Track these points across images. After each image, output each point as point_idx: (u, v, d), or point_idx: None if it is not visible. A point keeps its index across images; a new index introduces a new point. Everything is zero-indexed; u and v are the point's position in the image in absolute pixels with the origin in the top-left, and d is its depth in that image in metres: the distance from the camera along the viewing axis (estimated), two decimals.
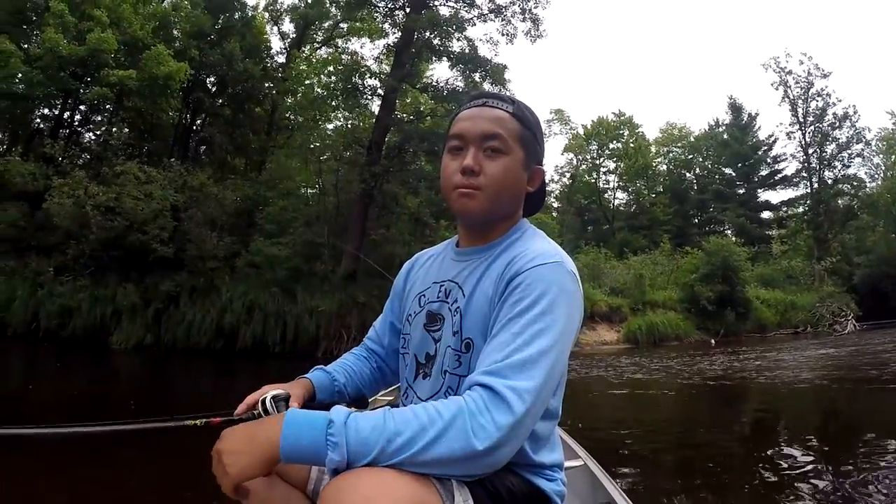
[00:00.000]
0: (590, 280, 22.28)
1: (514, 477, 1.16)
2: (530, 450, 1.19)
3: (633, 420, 7.46)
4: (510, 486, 1.14)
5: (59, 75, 16.57)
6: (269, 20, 24.50)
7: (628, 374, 11.89)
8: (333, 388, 1.45)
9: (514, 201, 1.31)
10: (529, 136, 1.30)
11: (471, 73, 17.70)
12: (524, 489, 1.17)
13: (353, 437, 0.91)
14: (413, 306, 1.39)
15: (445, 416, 0.94)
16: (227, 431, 0.99)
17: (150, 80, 17.09)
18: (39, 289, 14.08)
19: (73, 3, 16.99)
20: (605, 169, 41.47)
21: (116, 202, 14.99)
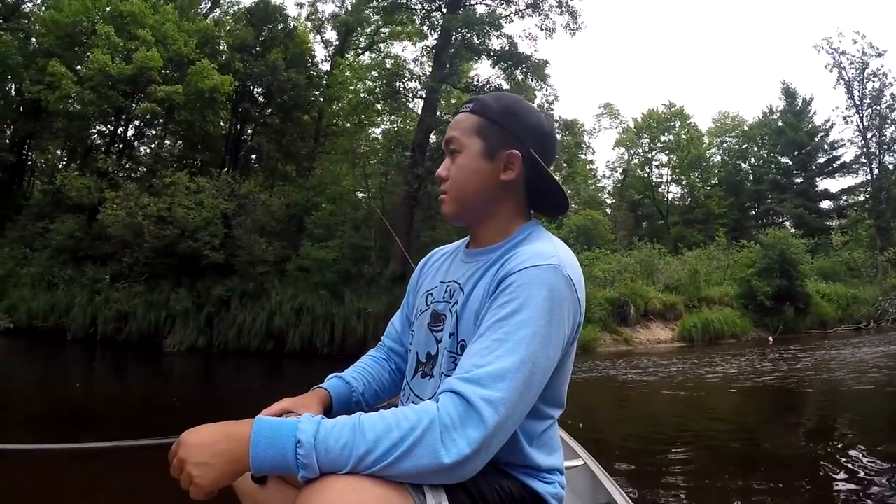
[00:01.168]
0: (643, 277, 21.83)
1: (505, 479, 1.15)
2: (525, 451, 1.17)
3: (683, 422, 7.29)
4: (498, 487, 1.12)
5: (109, 94, 17.30)
6: (312, 29, 25.08)
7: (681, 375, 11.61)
8: (351, 398, 1.44)
9: (484, 195, 1.29)
10: (487, 125, 1.28)
11: (512, 69, 17.60)
12: (516, 491, 1.16)
13: (322, 457, 0.91)
14: (421, 303, 1.40)
15: (417, 430, 0.93)
16: (189, 439, 0.96)
17: (196, 93, 17.71)
18: (97, 295, 14.74)
19: (119, 24, 17.80)
20: (658, 162, 40.36)
21: (168, 212, 15.51)
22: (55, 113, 18.51)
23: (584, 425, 7.32)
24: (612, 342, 18.18)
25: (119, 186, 16.36)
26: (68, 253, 15.82)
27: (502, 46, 17.71)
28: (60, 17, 18.36)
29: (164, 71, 18.24)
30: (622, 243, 28.62)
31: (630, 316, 19.29)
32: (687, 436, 6.42)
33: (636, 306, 19.49)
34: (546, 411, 1.21)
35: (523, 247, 1.21)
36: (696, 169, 38.92)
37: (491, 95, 1.33)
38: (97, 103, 17.59)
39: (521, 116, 1.29)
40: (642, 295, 19.93)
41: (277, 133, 21.59)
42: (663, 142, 39.49)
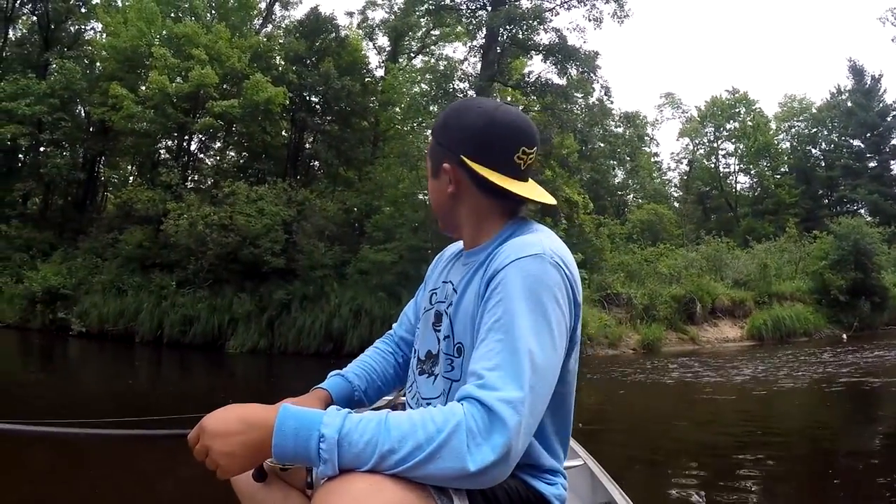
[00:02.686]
0: (711, 272, 21.21)
1: (511, 479, 1.13)
2: (530, 458, 1.18)
3: (751, 425, 7.10)
4: (507, 487, 1.13)
5: (169, 111, 18.18)
6: (364, 37, 25.61)
7: (750, 375, 11.26)
8: (353, 396, 1.45)
9: (444, 211, 1.34)
10: (431, 143, 1.33)
11: (563, 63, 17.42)
12: (522, 492, 1.16)
13: (345, 453, 0.91)
14: (425, 301, 1.43)
15: (444, 433, 0.92)
16: (212, 427, 0.99)
17: (252, 106, 18.39)
18: (163, 301, 15.48)
19: (174, 45, 18.72)
20: (724, 152, 38.69)
21: (230, 220, 16.10)
22: (121, 131, 19.56)
23: (648, 428, 7.18)
24: (678, 341, 17.77)
25: (181, 198, 17.13)
26: (137, 261, 16.71)
27: (551, 41, 17.62)
28: (118, 42, 19.46)
29: (223, 86, 19.10)
30: (689, 238, 27.75)
31: (697, 313, 18.78)
32: (755, 439, 6.28)
33: (703, 303, 18.97)
34: (546, 412, 1.18)
35: (507, 243, 1.20)
36: (764, 157, 37.13)
37: (445, 111, 1.34)
38: (159, 121, 18.50)
39: (452, 125, 1.29)
40: (710, 291, 19.39)
41: (336, 140, 22.11)
42: (729, 130, 37.94)
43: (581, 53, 17.42)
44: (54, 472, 4.77)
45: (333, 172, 22.58)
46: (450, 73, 18.66)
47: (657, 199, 34.30)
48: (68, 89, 19.70)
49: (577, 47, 17.58)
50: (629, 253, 22.83)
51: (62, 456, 5.06)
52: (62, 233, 19.62)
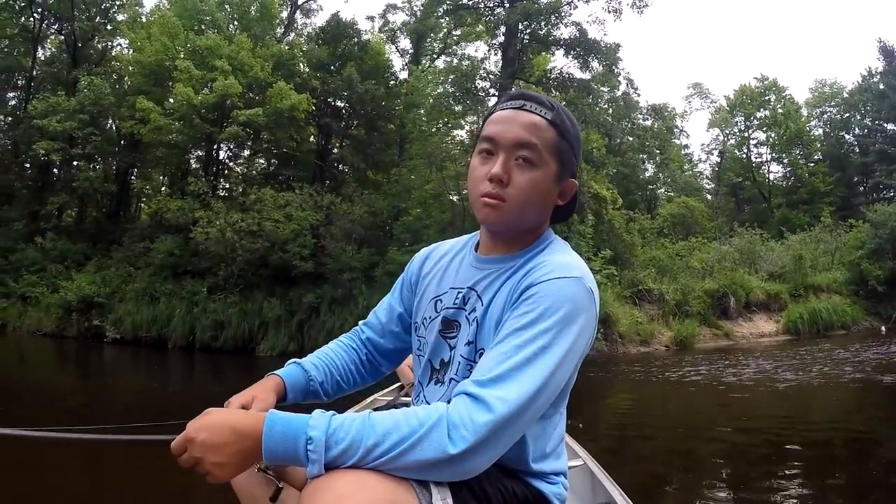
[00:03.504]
0: (745, 265, 20.84)
1: (510, 480, 1.17)
2: (532, 456, 1.20)
3: (789, 424, 6.98)
4: (502, 487, 1.14)
5: (196, 122, 18.63)
6: (386, 40, 25.81)
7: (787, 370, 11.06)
8: (308, 387, 1.42)
9: (541, 215, 1.27)
10: (566, 148, 1.24)
11: (584, 57, 17.29)
12: (520, 491, 1.18)
13: (331, 452, 0.93)
14: (429, 310, 1.37)
15: (425, 426, 0.95)
16: (201, 438, 0.99)
17: (276, 114, 18.69)
18: (195, 307, 15.84)
19: (197, 58, 19.14)
20: (755, 141, 37.79)
21: (258, 226, 16.35)
22: (150, 143, 20.07)
23: (679, 430, 7.07)
24: (712, 337, 17.50)
25: (209, 206, 17.49)
26: (168, 269, 17.13)
27: (571, 35, 17.46)
28: (143, 57, 20.06)
29: (248, 95, 19.54)
30: (723, 230, 27.26)
31: (731, 308, 18.48)
32: (792, 438, 6.14)
33: (737, 298, 18.66)
34: (554, 417, 1.24)
35: (545, 257, 1.21)
36: (796, 145, 36.31)
37: (567, 113, 1.27)
38: (186, 132, 19.01)
39: (580, 143, 1.30)
40: (743, 285, 19.07)
41: (362, 143, 22.33)
42: (759, 118, 37.09)
43: (602, 46, 17.26)
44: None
45: (361, 176, 22.83)
46: (472, 72, 18.65)
47: (688, 191, 33.76)
48: (97, 105, 20.31)
49: (597, 40, 17.43)
50: (660, 248, 22.56)
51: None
52: (96, 243, 20.23)
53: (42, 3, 24.53)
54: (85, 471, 5.11)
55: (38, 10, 24.63)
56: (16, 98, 26.31)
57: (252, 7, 23.65)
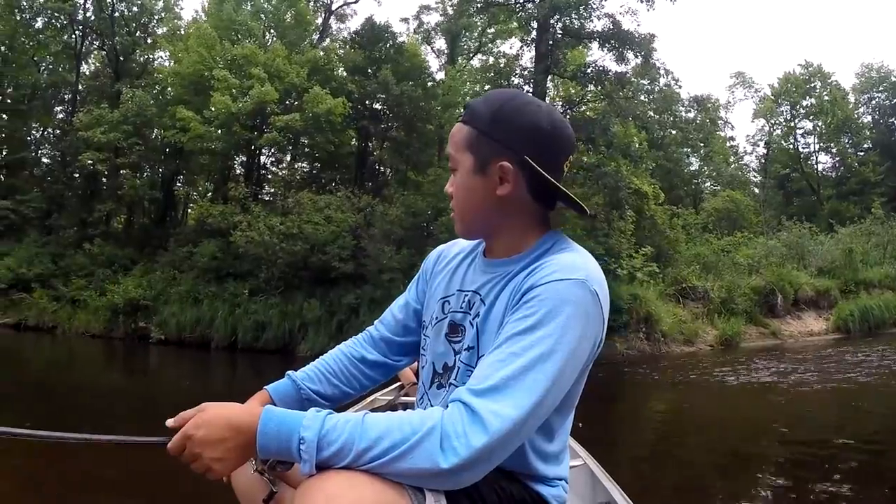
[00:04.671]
0: (793, 261, 20.33)
1: (508, 482, 1.16)
2: (533, 462, 1.19)
3: (838, 428, 6.81)
4: (498, 489, 1.13)
5: (235, 129, 19.14)
6: (422, 42, 26.04)
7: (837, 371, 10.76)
8: (300, 396, 1.42)
9: (485, 213, 1.24)
10: (476, 136, 1.20)
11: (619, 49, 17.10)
12: (517, 493, 1.17)
13: (324, 453, 0.94)
14: (436, 311, 1.36)
15: (418, 434, 0.94)
16: (199, 436, 1.01)
17: (313, 118, 19.07)
18: (237, 308, 16.24)
19: (234, 67, 19.68)
20: (802, 130, 36.53)
21: (298, 229, 16.68)
22: (193, 151, 20.72)
23: (722, 439, 6.93)
24: (759, 336, 17.12)
25: (248, 210, 17.93)
26: (212, 272, 17.60)
27: (605, 27, 17.28)
28: (182, 68, 20.79)
29: (286, 101, 20.05)
30: (770, 224, 26.58)
31: (778, 305, 18.05)
32: (843, 445, 5.95)
33: (784, 294, 18.22)
34: (557, 424, 1.21)
35: (549, 258, 1.17)
36: (844, 133, 35.12)
37: (482, 99, 1.25)
38: (226, 139, 19.54)
39: (510, 120, 1.20)
40: (791, 281, 18.59)
41: (402, 145, 22.58)
42: (805, 107, 35.91)
43: (636, 37, 17.05)
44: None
45: (401, 177, 23.09)
46: (509, 69, 18.66)
47: (734, 185, 32.94)
48: (140, 115, 21.00)
49: (631, 32, 17.23)
50: (705, 244, 22.18)
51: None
52: (143, 248, 20.90)
53: (83, 21, 25.59)
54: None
55: (80, 27, 25.68)
56: (63, 112, 27.49)
57: (287, 15, 24.16)
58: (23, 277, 19.27)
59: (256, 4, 23.73)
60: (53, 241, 21.63)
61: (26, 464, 5.25)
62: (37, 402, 8.83)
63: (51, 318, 18.14)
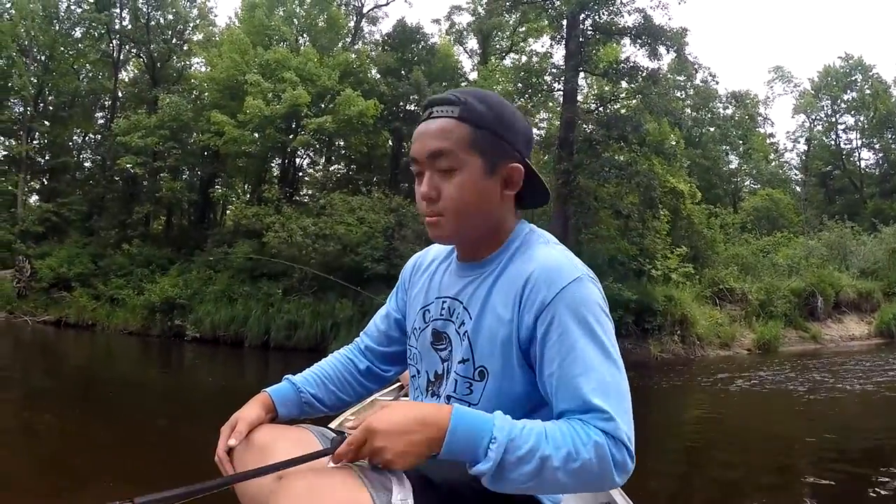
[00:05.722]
0: (834, 262, 19.89)
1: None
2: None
3: (880, 439, 6.56)
4: (475, 485, 1.08)
5: (268, 132, 19.53)
6: (454, 42, 26.21)
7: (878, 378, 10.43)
8: (300, 400, 1.40)
9: (488, 215, 1.22)
10: (486, 136, 1.17)
11: (651, 45, 16.94)
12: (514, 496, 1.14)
13: (510, 456, 0.97)
14: (417, 321, 1.35)
15: (592, 455, 0.98)
16: (382, 428, 1.01)
17: (345, 120, 19.37)
18: (270, 308, 16.51)
19: (267, 71, 20.05)
20: (844, 126, 35.65)
21: (331, 230, 16.93)
22: (229, 154, 21.18)
23: (759, 443, 6.79)
24: (798, 340, 16.78)
25: (281, 212, 18.30)
26: (246, 272, 17.95)
27: (636, 22, 17.13)
28: (216, 74, 21.29)
29: (320, 104, 20.41)
30: (812, 224, 26.01)
31: (818, 308, 17.68)
32: (888, 459, 5.79)
33: (825, 297, 17.84)
34: (548, 417, 1.19)
35: (528, 257, 1.19)
36: (888, 128, 33.96)
37: (472, 95, 1.21)
38: (260, 142, 19.98)
39: (513, 122, 1.22)
40: (833, 283, 18.21)
41: None
42: (846, 101, 35.14)
43: (668, 32, 16.87)
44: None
45: None
46: (541, 67, 18.64)
47: (774, 183, 32.26)
48: (176, 120, 21.60)
49: (662, 26, 17.06)
50: (743, 244, 21.83)
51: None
52: (181, 249, 21.47)
53: (120, 31, 26.55)
54: None
55: (117, 36, 26.67)
56: (104, 117, 28.45)
57: (319, 19, 24.55)
58: (63, 277, 19.98)
59: (288, 10, 24.15)
60: (94, 241, 22.41)
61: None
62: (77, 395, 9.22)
63: (90, 316, 18.74)
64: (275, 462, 1.05)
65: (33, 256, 21.13)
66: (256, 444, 1.20)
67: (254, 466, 1.11)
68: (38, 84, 26.26)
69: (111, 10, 25.81)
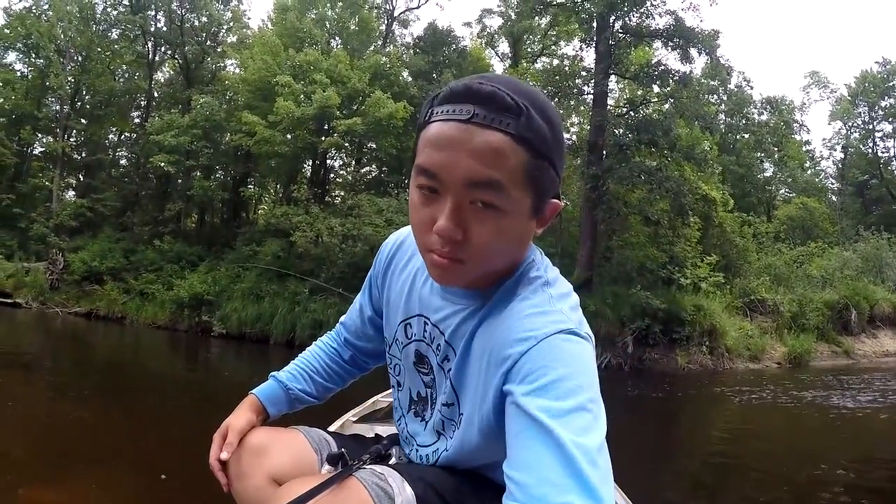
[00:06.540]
0: (870, 274, 19.46)
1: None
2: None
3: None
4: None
5: (297, 133, 19.95)
6: (485, 46, 26.33)
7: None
8: (289, 397, 1.39)
9: (511, 259, 0.99)
10: (542, 167, 0.88)
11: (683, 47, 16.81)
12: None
13: None
14: (399, 332, 1.21)
15: None
16: None
17: (375, 122, 19.57)
18: (296, 306, 16.65)
19: (297, 73, 20.40)
20: (881, 133, 34.53)
21: (358, 231, 17.11)
22: (260, 154, 21.54)
23: (786, 463, 6.65)
24: (830, 354, 16.36)
25: (308, 212, 18.55)
26: (273, 271, 18.19)
27: (667, 24, 17.01)
28: (248, 75, 21.71)
29: (352, 106, 20.67)
30: (848, 234, 25.48)
31: (852, 322, 17.25)
32: None
33: (859, 311, 17.39)
34: None
35: (518, 305, 0.96)
36: None
37: (530, 101, 0.87)
38: (291, 143, 20.28)
39: (560, 143, 0.92)
40: (867, 296, 17.78)
41: None
42: (884, 108, 33.98)
43: (699, 34, 16.72)
44: None
45: None
46: (572, 70, 18.61)
47: (809, 192, 31.65)
48: (209, 120, 22.10)
49: (693, 28, 16.92)
50: (776, 254, 21.49)
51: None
52: (211, 246, 21.93)
53: (154, 33, 27.32)
54: None
55: (151, 38, 27.43)
56: (139, 117, 29.23)
57: (351, 22, 24.87)
58: (95, 270, 20.44)
59: (320, 13, 24.50)
60: (127, 237, 22.89)
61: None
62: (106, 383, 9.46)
63: (120, 309, 19.12)
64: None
65: (67, 250, 21.67)
66: (250, 448, 1.21)
67: (248, 469, 1.17)
68: (75, 83, 27.08)
69: (146, 13, 26.53)
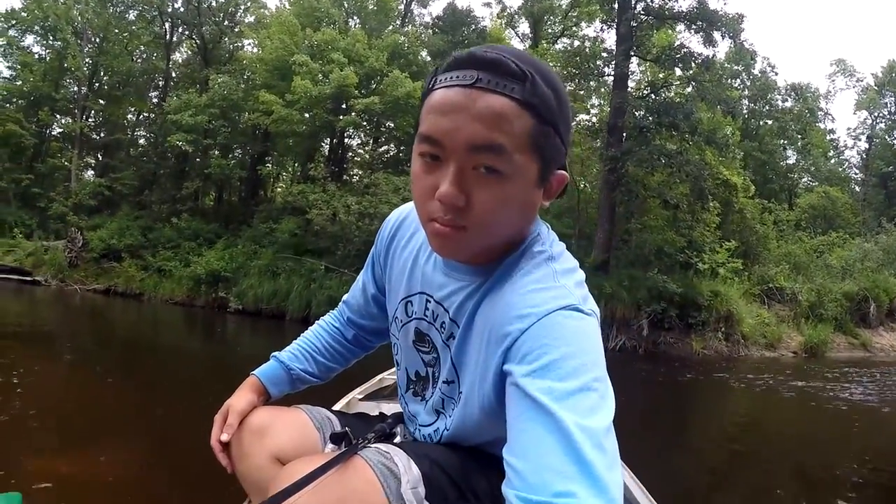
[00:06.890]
0: (890, 266, 19.24)
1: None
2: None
3: None
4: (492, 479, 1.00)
5: (315, 112, 19.89)
6: (506, 26, 26.17)
7: None
8: (290, 377, 1.38)
9: (516, 230, 0.96)
10: (548, 134, 0.87)
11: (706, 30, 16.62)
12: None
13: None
14: (399, 311, 1.18)
15: None
16: None
17: (392, 101, 19.58)
18: (312, 283, 16.75)
19: (315, 52, 20.45)
20: None
21: (374, 209, 17.17)
22: (278, 133, 21.69)
23: (797, 452, 6.62)
24: (847, 346, 16.22)
25: (325, 190, 18.63)
26: (291, 248, 18.34)
27: (690, 6, 16.81)
28: (265, 55, 21.84)
29: (370, 85, 20.63)
30: (870, 225, 25.19)
31: (871, 315, 17.08)
32: None
33: (878, 303, 17.24)
34: None
35: (522, 281, 0.93)
36: None
37: (534, 69, 0.85)
38: (307, 122, 20.38)
39: (567, 112, 0.91)
40: (887, 289, 17.61)
41: None
42: None
43: (723, 17, 16.52)
44: None
45: None
46: (594, 52, 18.49)
47: (832, 181, 31.28)
48: (226, 99, 22.25)
49: (717, 11, 16.68)
50: (797, 242, 21.29)
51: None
52: (228, 224, 22.20)
53: (172, 13, 27.59)
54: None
55: (169, 19, 27.77)
56: (157, 97, 29.56)
57: (369, 1, 24.82)
58: (114, 248, 20.72)
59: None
60: (145, 215, 23.14)
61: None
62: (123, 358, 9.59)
63: (138, 286, 19.38)
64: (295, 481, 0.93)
65: (85, 228, 21.94)
66: (251, 428, 1.21)
67: (250, 449, 1.17)
68: (93, 65, 27.42)
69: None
